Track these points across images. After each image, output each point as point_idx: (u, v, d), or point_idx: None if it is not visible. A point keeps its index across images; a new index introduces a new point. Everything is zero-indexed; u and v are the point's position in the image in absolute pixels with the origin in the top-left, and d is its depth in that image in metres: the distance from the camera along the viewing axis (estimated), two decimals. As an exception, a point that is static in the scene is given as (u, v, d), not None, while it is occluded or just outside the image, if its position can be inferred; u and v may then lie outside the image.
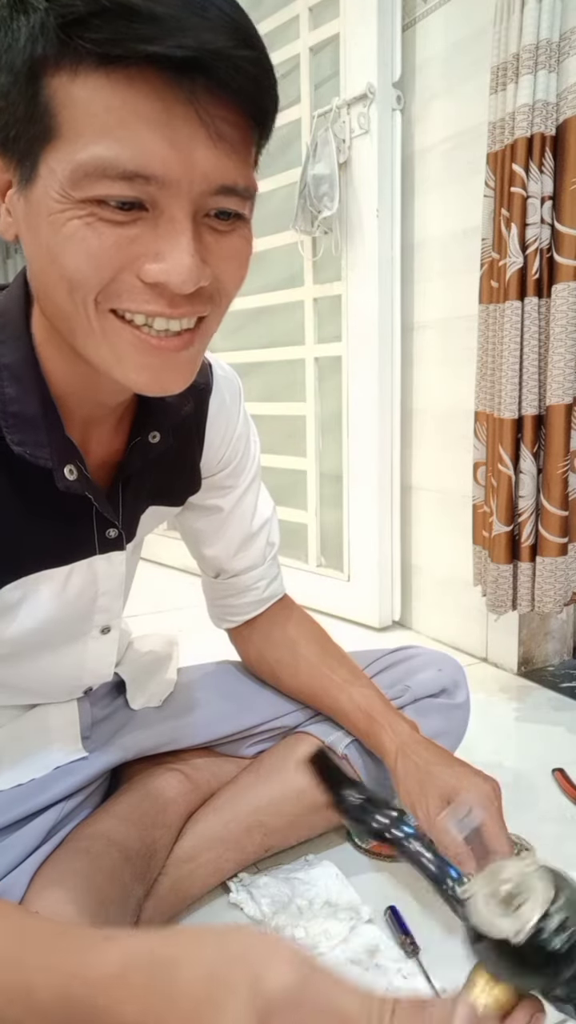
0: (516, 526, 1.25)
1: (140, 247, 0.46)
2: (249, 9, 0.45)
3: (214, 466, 0.79)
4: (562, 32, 1.13)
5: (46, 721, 0.76)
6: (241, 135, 0.46)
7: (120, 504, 0.67)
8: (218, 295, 0.51)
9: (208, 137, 0.44)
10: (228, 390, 0.77)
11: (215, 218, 0.48)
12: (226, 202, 0.47)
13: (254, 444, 0.84)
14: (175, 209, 0.45)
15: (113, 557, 0.68)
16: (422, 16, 1.50)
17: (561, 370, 1.17)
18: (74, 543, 0.65)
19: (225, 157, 0.46)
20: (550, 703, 1.34)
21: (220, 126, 0.45)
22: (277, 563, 0.90)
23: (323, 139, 1.60)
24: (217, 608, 0.91)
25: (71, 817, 0.73)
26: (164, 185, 0.44)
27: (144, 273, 0.46)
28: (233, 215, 0.49)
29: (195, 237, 0.46)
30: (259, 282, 2.03)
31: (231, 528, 0.83)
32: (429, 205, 1.55)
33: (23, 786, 0.71)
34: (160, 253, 0.46)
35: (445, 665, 0.95)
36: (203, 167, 0.45)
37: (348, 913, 0.77)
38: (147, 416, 0.65)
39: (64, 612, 0.67)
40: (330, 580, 1.85)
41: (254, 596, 0.88)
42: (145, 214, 0.45)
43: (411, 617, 1.75)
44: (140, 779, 0.81)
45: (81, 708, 0.79)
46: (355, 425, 1.71)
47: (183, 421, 0.68)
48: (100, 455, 0.64)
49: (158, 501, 0.74)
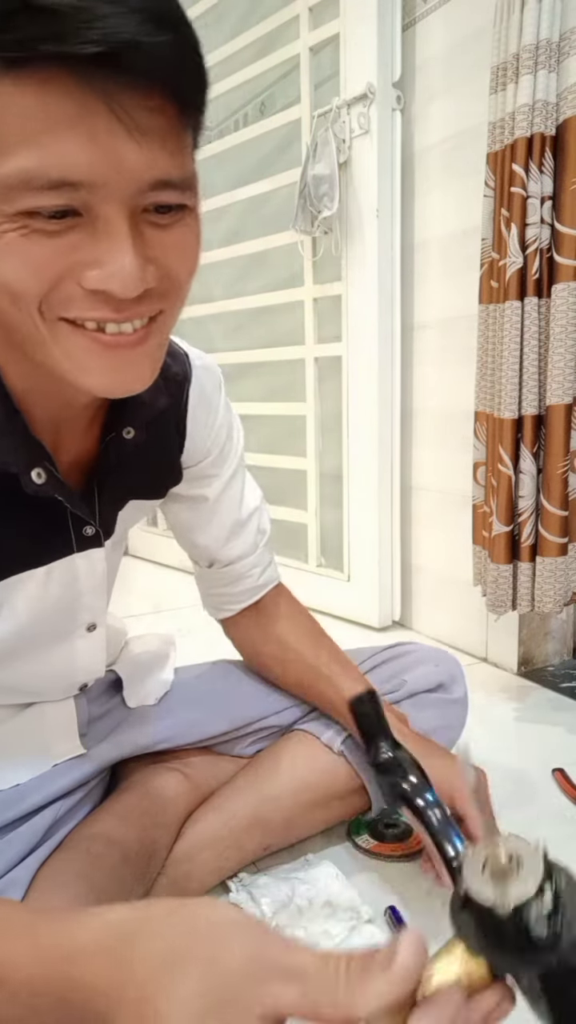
0: (516, 526, 1.25)
1: (79, 255, 0.44)
2: (249, 9, 0.44)
3: (196, 456, 0.77)
4: (562, 32, 1.13)
5: (43, 719, 0.76)
6: (169, 123, 0.44)
7: (97, 501, 0.66)
8: (170, 289, 0.49)
9: (130, 134, 0.42)
10: (207, 380, 0.75)
11: (155, 213, 0.46)
12: (163, 196, 0.45)
13: (237, 432, 0.82)
14: (109, 212, 0.43)
15: (92, 555, 0.68)
16: (422, 16, 1.50)
17: (561, 370, 1.17)
18: (51, 543, 0.64)
19: (154, 151, 0.43)
20: (550, 703, 1.34)
21: (143, 120, 0.42)
22: (270, 551, 0.90)
23: (323, 139, 1.59)
24: (212, 598, 0.91)
25: (69, 816, 0.73)
26: (93, 189, 0.42)
27: (85, 280, 0.45)
28: (174, 207, 0.46)
29: (135, 238, 0.44)
30: (259, 282, 2.04)
31: (219, 516, 0.83)
32: (429, 205, 1.55)
33: (21, 785, 0.71)
34: (99, 260, 0.44)
35: (442, 661, 0.95)
36: (131, 166, 0.42)
37: (348, 913, 0.77)
38: (120, 412, 0.63)
39: (47, 612, 0.66)
40: (330, 580, 1.85)
41: (249, 584, 0.87)
42: (80, 220, 0.44)
43: (411, 617, 1.75)
44: (139, 779, 0.81)
45: (78, 705, 0.79)
46: (355, 425, 1.71)
47: (160, 414, 0.67)
48: (74, 454, 0.63)
49: (138, 495, 0.73)
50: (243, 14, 1.94)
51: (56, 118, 0.40)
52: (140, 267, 0.45)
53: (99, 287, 0.45)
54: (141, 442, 0.65)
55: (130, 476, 0.69)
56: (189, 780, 0.83)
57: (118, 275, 0.44)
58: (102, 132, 0.41)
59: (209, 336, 2.29)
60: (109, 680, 0.87)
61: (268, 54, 1.80)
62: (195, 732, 0.86)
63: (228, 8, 1.95)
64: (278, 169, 1.85)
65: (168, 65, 0.42)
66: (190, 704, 0.88)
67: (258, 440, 2.12)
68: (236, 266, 2.10)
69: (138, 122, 0.42)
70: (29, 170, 0.41)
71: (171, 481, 0.77)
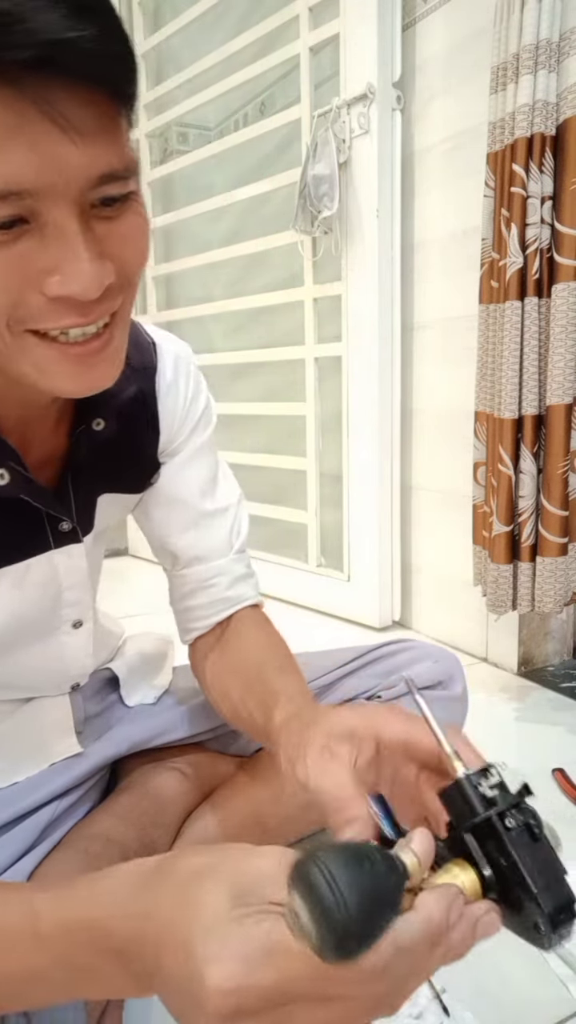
0: (516, 526, 1.25)
1: (33, 263, 0.44)
2: (249, 9, 0.44)
3: (172, 444, 0.76)
4: (562, 32, 1.13)
5: (39, 717, 0.76)
6: (104, 114, 0.43)
7: (71, 495, 0.65)
8: (126, 282, 0.49)
9: (68, 136, 0.41)
10: (177, 366, 0.73)
11: (102, 206, 0.45)
12: (109, 189, 0.44)
13: (207, 416, 0.79)
14: (58, 216, 0.43)
15: (72, 550, 0.67)
16: (422, 16, 1.50)
17: (561, 370, 1.17)
18: (26, 540, 0.64)
19: (95, 148, 0.42)
20: (550, 703, 1.34)
21: (79, 118, 0.41)
22: (247, 563, 0.81)
23: (323, 139, 1.60)
24: (180, 616, 0.81)
25: (67, 815, 0.73)
26: (39, 196, 0.42)
27: (46, 288, 0.44)
28: (119, 196, 0.46)
29: (87, 238, 0.44)
30: (259, 282, 2.04)
31: (173, 498, 0.76)
32: (429, 205, 1.55)
33: (17, 784, 0.71)
34: (56, 266, 0.43)
35: (441, 657, 0.95)
36: (74, 166, 0.42)
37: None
38: (88, 404, 0.63)
39: (27, 609, 0.66)
40: (330, 580, 1.85)
41: (215, 594, 0.77)
42: (28, 227, 0.43)
43: (411, 617, 1.75)
44: (138, 778, 0.81)
45: (74, 703, 0.79)
46: (355, 425, 1.71)
47: (130, 405, 0.66)
48: (45, 449, 0.63)
49: (115, 489, 0.72)
50: (243, 14, 1.94)
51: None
52: (98, 267, 0.44)
53: (61, 293, 0.44)
54: (113, 434, 0.65)
55: (105, 470, 0.68)
56: (188, 779, 0.83)
57: (77, 278, 0.44)
58: (41, 138, 0.41)
59: (209, 336, 2.29)
60: (106, 678, 0.87)
61: (268, 54, 1.80)
62: (193, 726, 0.85)
63: (228, 8, 1.95)
64: (278, 169, 1.85)
65: (98, 58, 0.41)
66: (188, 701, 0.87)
67: (258, 440, 2.12)
68: (236, 266, 2.11)
69: (74, 122, 0.41)
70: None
71: (149, 473, 0.75)
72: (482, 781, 0.42)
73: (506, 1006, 0.68)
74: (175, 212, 2.22)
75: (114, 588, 1.36)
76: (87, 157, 0.42)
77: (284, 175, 1.79)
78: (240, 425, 2.18)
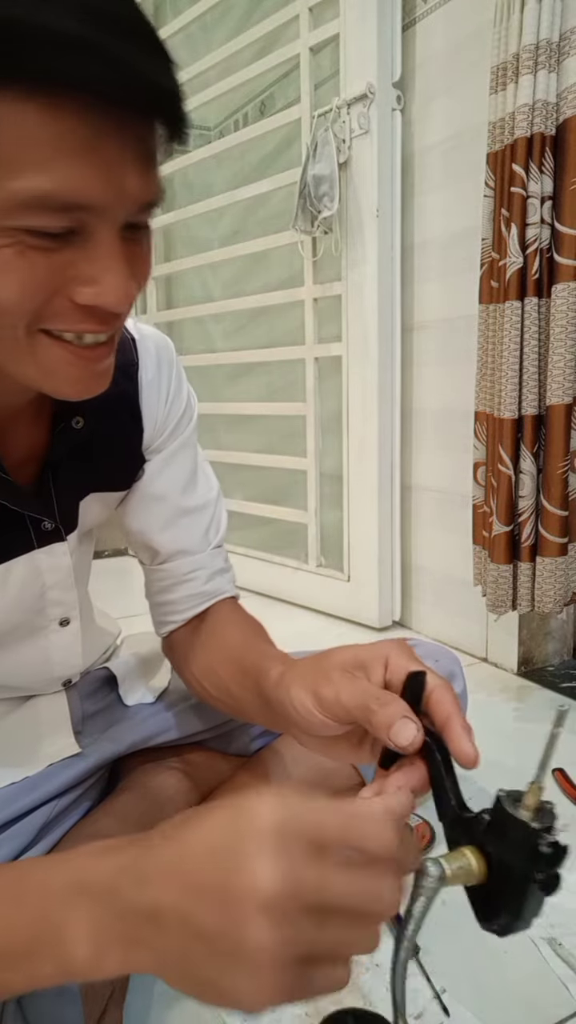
0: (516, 526, 1.25)
1: (72, 271, 0.46)
2: (249, 9, 0.45)
3: (156, 440, 0.76)
4: (562, 32, 1.13)
5: (37, 716, 0.76)
6: (157, 147, 0.47)
7: (53, 494, 0.66)
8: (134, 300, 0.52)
9: (136, 161, 0.44)
10: (156, 362, 0.74)
11: (128, 229, 0.48)
12: (143, 216, 0.48)
13: (190, 411, 0.79)
14: (104, 232, 0.45)
15: (55, 549, 0.67)
16: (422, 16, 1.50)
17: (561, 370, 1.17)
18: (8, 540, 0.64)
19: (149, 176, 0.46)
20: (550, 703, 1.34)
21: (144, 147, 0.45)
22: (224, 558, 0.82)
23: (323, 139, 1.60)
24: (156, 610, 0.82)
25: (65, 815, 0.73)
26: (97, 212, 0.44)
27: (78, 296, 0.46)
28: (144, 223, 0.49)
29: (126, 256, 0.47)
30: (259, 282, 2.04)
31: (155, 495, 0.76)
32: (429, 205, 1.55)
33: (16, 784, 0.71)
34: (95, 277, 0.46)
35: (441, 656, 0.95)
36: (133, 190, 0.45)
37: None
38: (66, 403, 0.63)
39: (11, 608, 0.66)
40: (330, 580, 1.85)
41: (192, 588, 0.78)
42: (74, 238, 0.45)
43: (411, 617, 1.75)
44: (139, 778, 0.81)
45: (71, 702, 0.79)
46: (355, 425, 1.71)
47: (111, 403, 0.66)
48: (24, 448, 0.63)
49: (99, 487, 0.72)
50: (243, 14, 1.94)
51: (72, 145, 0.42)
52: (132, 284, 0.47)
53: (93, 303, 0.46)
54: (93, 431, 0.65)
55: (87, 467, 0.69)
56: (188, 779, 0.83)
57: (114, 292, 0.46)
58: (114, 160, 0.43)
59: (209, 336, 2.29)
60: (104, 678, 0.87)
61: (268, 54, 1.80)
62: (193, 723, 0.85)
63: (228, 8, 1.95)
64: (278, 169, 1.85)
65: (170, 95, 0.44)
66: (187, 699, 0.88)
67: (258, 440, 2.13)
68: (236, 266, 2.11)
69: (139, 150, 0.44)
70: (43, 191, 0.42)
71: (134, 470, 0.75)
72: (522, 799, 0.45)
73: (506, 1006, 0.68)
74: (175, 212, 2.22)
75: (114, 588, 1.36)
76: (143, 183, 0.45)
77: (284, 175, 1.79)
78: (240, 425, 2.18)
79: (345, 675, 0.54)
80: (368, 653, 0.55)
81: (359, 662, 0.55)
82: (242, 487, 2.14)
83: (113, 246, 0.46)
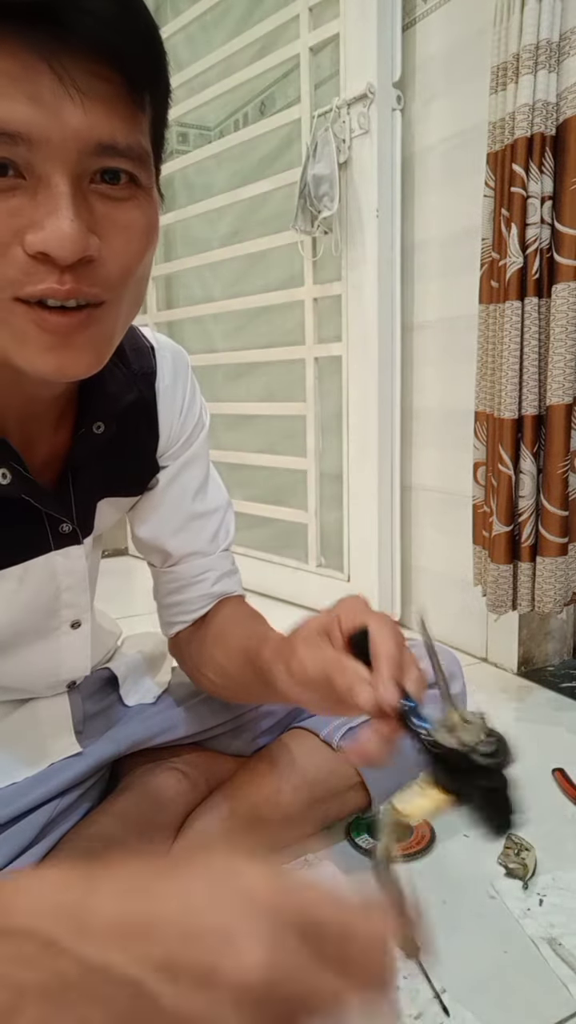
0: (516, 526, 1.25)
1: (22, 219, 0.44)
2: (249, 9, 0.45)
3: (171, 447, 0.76)
4: (562, 32, 1.13)
5: (37, 716, 0.76)
6: (116, 93, 0.44)
7: (72, 497, 0.66)
8: (114, 275, 0.48)
9: (72, 97, 0.42)
10: (176, 370, 0.74)
11: (104, 183, 0.46)
12: (110, 161, 0.45)
13: (203, 420, 0.80)
14: (51, 173, 0.44)
15: (71, 552, 0.68)
16: (422, 16, 1.50)
17: (561, 370, 1.17)
18: (26, 541, 0.64)
19: (98, 116, 0.43)
20: (550, 703, 1.34)
21: (87, 85, 0.42)
22: (231, 560, 0.84)
23: (323, 139, 1.59)
24: (165, 611, 0.84)
25: (65, 815, 0.73)
26: (34, 146, 0.43)
27: (27, 244, 0.45)
28: (125, 178, 0.46)
29: (79, 204, 0.44)
30: (259, 282, 2.04)
31: (168, 500, 0.78)
32: (429, 205, 1.55)
33: (17, 783, 0.71)
34: (40, 221, 0.44)
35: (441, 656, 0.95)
36: (73, 125, 0.43)
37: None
38: (89, 407, 0.63)
39: (26, 610, 0.66)
40: (330, 580, 1.85)
41: (202, 590, 0.80)
42: (23, 182, 0.44)
43: (411, 617, 1.75)
44: (138, 779, 0.81)
45: (72, 702, 0.79)
46: (355, 425, 1.71)
47: (130, 410, 0.67)
48: (46, 450, 0.63)
49: (114, 492, 0.73)
50: (243, 14, 1.94)
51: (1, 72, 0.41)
52: (79, 229, 0.44)
53: (39, 249, 0.44)
54: (112, 437, 0.65)
55: (105, 472, 0.69)
56: (188, 779, 0.83)
57: (55, 235, 0.44)
58: (45, 92, 0.42)
59: (209, 336, 2.29)
60: (105, 678, 0.87)
61: (268, 54, 1.80)
62: (192, 725, 0.86)
63: (228, 8, 1.95)
64: (278, 169, 1.85)
65: (112, 32, 0.42)
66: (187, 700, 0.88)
67: (258, 440, 2.12)
68: (236, 266, 2.11)
69: (81, 86, 0.43)
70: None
71: (148, 476, 0.76)
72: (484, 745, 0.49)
73: (506, 1006, 0.68)
74: (175, 212, 2.22)
75: (114, 588, 1.36)
76: (89, 121, 0.43)
77: (284, 175, 1.79)
78: (240, 425, 2.18)
79: (310, 646, 0.58)
80: (326, 618, 0.59)
81: (321, 628, 0.59)
82: (242, 487, 2.14)
83: (59, 188, 0.44)
